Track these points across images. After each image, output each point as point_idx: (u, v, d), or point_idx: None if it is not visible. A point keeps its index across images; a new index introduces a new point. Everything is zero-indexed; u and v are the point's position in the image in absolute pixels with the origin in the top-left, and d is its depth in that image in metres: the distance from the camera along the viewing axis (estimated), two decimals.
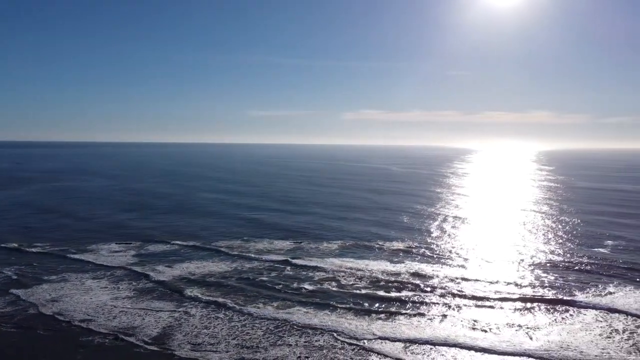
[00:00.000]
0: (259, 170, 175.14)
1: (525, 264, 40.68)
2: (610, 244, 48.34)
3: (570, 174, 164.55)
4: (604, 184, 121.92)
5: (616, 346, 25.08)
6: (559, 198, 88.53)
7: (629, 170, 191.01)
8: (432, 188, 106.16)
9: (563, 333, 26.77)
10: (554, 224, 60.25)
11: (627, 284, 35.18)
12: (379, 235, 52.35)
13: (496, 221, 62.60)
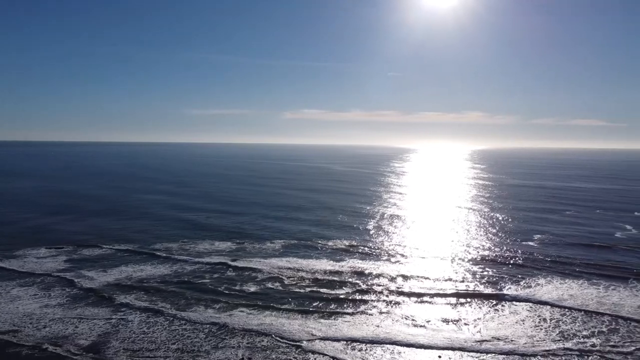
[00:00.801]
0: (197, 170, 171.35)
1: (460, 260, 42.33)
2: (538, 238, 51.30)
3: (501, 172, 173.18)
4: (531, 181, 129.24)
5: (544, 335, 26.65)
6: (490, 195, 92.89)
7: (554, 168, 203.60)
8: (372, 187, 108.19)
9: (496, 325, 28.10)
10: (487, 220, 63.13)
11: (554, 276, 37.46)
12: (321, 234, 52.70)
13: (433, 218, 64.72)
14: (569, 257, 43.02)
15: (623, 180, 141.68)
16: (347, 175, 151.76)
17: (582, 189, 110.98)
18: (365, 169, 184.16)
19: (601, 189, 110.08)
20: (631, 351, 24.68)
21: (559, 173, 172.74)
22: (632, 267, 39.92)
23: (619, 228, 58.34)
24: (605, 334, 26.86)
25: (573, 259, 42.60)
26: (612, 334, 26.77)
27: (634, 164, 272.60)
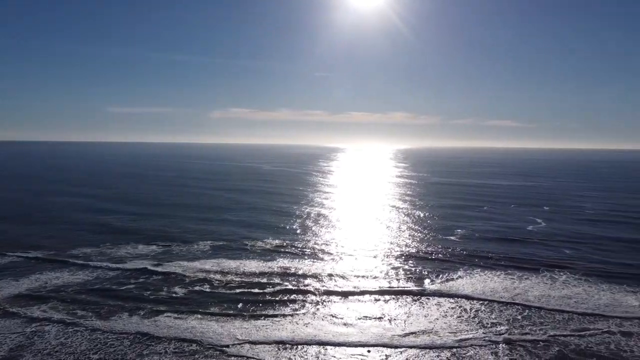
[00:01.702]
0: (118, 171, 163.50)
1: (386, 257, 43.53)
2: (458, 233, 53.89)
3: (424, 170, 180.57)
4: (451, 179, 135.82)
5: (466, 326, 28.03)
6: (413, 193, 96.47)
7: (471, 167, 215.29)
8: (301, 186, 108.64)
9: (422, 319, 29.18)
10: (410, 217, 65.44)
11: (474, 269, 39.49)
12: (250, 235, 52.12)
13: (359, 217, 66.11)
14: (487, 251, 45.56)
15: (533, 177, 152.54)
16: (276, 174, 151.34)
17: (497, 185, 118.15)
18: (294, 169, 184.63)
19: (514, 186, 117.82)
20: (544, 339, 26.56)
21: (476, 171, 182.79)
22: (543, 259, 42.97)
23: (531, 222, 62.66)
24: (520, 321, 28.72)
25: (490, 252, 45.15)
26: (525, 322, 28.68)
27: (542, 162, 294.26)
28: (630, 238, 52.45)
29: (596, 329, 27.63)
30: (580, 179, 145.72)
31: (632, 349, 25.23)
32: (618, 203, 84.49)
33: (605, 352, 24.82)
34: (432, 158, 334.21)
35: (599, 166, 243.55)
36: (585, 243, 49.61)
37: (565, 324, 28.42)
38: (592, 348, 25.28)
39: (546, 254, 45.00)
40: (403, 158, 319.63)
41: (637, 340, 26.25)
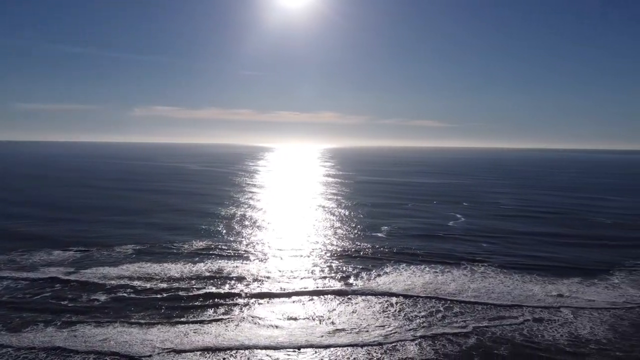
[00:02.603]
0: (26, 173, 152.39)
1: (314, 256, 43.86)
2: (385, 230, 55.46)
3: (352, 169, 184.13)
4: (378, 178, 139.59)
5: (393, 321, 28.90)
6: (341, 192, 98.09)
7: (398, 165, 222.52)
8: (228, 187, 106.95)
9: (351, 317, 29.70)
10: (339, 216, 66.47)
11: (400, 265, 40.75)
12: (175, 238, 50.51)
13: (287, 217, 66.19)
14: (411, 247, 47.24)
15: (455, 175, 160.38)
16: (201, 175, 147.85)
17: (421, 183, 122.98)
18: (220, 168, 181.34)
19: (437, 183, 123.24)
20: (464, 329, 27.98)
21: (401, 170, 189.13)
22: (463, 253, 45.25)
23: (452, 218, 65.79)
24: (442, 313, 30.06)
25: (414, 248, 46.87)
26: (447, 314, 30.06)
27: (463, 160, 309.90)
28: (539, 232, 56.54)
29: (511, 317, 29.54)
30: (498, 177, 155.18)
31: (542, 333, 27.24)
32: (529, 199, 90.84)
33: (519, 338, 26.59)
34: (360, 157, 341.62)
35: (515, 164, 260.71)
36: (500, 237, 52.86)
37: (483, 314, 30.10)
38: (507, 335, 26.98)
39: (465, 248, 47.40)
40: (331, 157, 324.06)
41: (546, 325, 28.37)
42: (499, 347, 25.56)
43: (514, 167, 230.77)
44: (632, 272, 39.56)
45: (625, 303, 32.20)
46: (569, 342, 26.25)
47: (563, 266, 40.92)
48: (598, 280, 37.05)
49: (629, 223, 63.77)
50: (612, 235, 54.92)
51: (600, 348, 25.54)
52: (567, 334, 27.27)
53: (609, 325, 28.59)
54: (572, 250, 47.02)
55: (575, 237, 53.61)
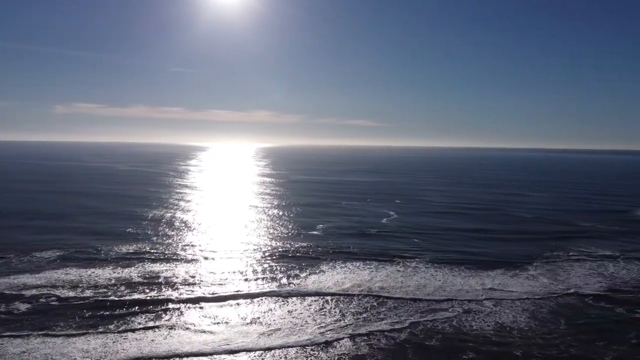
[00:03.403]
0: None
1: (248, 258, 43.36)
2: (320, 229, 55.87)
3: (287, 168, 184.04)
4: (314, 177, 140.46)
5: (330, 320, 29.19)
6: (277, 191, 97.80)
7: (333, 164, 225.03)
8: (156, 188, 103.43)
9: (287, 319, 29.66)
10: (274, 216, 66.20)
11: (336, 264, 41.23)
12: (102, 242, 48.09)
13: (219, 218, 65.08)
14: (346, 246, 47.94)
15: (389, 173, 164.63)
16: (130, 175, 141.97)
17: (356, 182, 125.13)
18: (149, 169, 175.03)
19: (371, 182, 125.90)
20: (399, 324, 28.78)
21: (337, 168, 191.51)
22: (396, 250, 46.52)
23: (385, 215, 67.47)
24: (377, 308, 30.76)
25: (350, 246, 47.60)
26: (382, 309, 30.79)
27: (397, 159, 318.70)
28: (466, 227, 59.30)
29: (442, 310, 30.74)
30: (429, 174, 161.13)
31: (470, 324, 28.59)
32: (458, 196, 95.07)
33: (450, 330, 27.75)
34: (295, 156, 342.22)
35: (446, 162, 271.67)
36: (430, 233, 54.89)
37: (416, 308, 31.10)
38: (439, 327, 28.07)
39: (398, 245, 48.76)
40: (266, 157, 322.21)
41: (474, 316, 29.80)
42: (431, 339, 26.53)
43: (444, 165, 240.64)
44: (549, 263, 42.43)
45: (543, 293, 34.47)
46: (495, 330, 27.74)
47: (488, 260, 43.10)
48: (519, 272, 39.40)
49: (547, 217, 68.35)
50: (532, 229, 58.60)
51: (522, 334, 27.21)
52: (492, 323, 28.79)
53: (530, 313, 30.50)
54: (496, 245, 49.68)
55: (499, 232, 56.70)
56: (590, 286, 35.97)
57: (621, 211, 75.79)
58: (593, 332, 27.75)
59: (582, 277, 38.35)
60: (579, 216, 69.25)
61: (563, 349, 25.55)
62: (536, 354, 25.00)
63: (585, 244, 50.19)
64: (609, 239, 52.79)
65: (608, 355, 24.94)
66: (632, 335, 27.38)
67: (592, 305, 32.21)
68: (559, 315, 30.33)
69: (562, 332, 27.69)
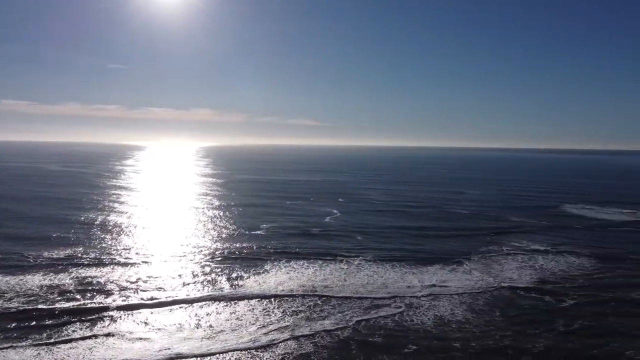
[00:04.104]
0: None
1: (190, 261, 42.20)
2: (264, 229, 55.42)
3: (230, 168, 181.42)
4: (256, 176, 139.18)
5: (274, 322, 29.02)
6: (218, 192, 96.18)
7: (276, 163, 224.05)
8: (91, 189, 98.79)
9: (231, 322, 29.18)
10: (216, 217, 65.05)
11: (279, 265, 41.04)
12: (32, 247, 45.21)
13: (159, 219, 63.17)
14: (291, 245, 47.85)
15: (330, 172, 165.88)
16: (60, 176, 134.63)
17: (299, 181, 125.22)
18: (83, 169, 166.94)
19: (314, 181, 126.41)
20: (343, 323, 29.05)
21: (279, 168, 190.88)
22: (339, 249, 46.95)
23: (328, 214, 67.98)
24: (320, 307, 30.91)
25: (294, 246, 47.55)
26: (326, 307, 30.99)
27: (339, 158, 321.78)
28: (406, 225, 60.88)
29: (385, 306, 31.36)
30: (371, 173, 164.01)
31: (411, 318, 29.38)
32: (398, 194, 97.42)
33: (392, 325, 28.38)
34: (238, 155, 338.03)
35: (388, 161, 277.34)
36: (372, 231, 55.88)
37: (360, 306, 31.53)
38: (382, 324, 28.62)
39: (342, 243, 49.27)
40: (208, 156, 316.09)
41: (415, 311, 30.62)
42: (374, 335, 26.99)
43: (386, 164, 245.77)
44: (484, 258, 44.33)
45: (479, 286, 35.97)
46: (435, 324, 28.65)
47: (428, 256, 44.38)
48: (457, 267, 40.90)
49: (483, 213, 71.38)
50: (469, 225, 60.99)
51: (460, 327, 28.27)
52: (432, 317, 29.72)
53: (467, 305, 31.73)
54: (436, 241, 51.29)
55: (439, 229, 58.57)
56: (522, 278, 37.91)
57: (550, 207, 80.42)
58: (525, 322, 29.27)
59: (514, 270, 40.33)
60: (512, 212, 72.83)
61: (498, 339, 26.77)
62: (473, 344, 26.04)
63: (517, 238, 52.83)
64: (539, 234, 55.86)
65: (539, 342, 26.38)
66: (560, 324, 29.13)
67: (523, 296, 33.96)
68: (494, 307, 31.74)
69: (497, 323, 29.01)
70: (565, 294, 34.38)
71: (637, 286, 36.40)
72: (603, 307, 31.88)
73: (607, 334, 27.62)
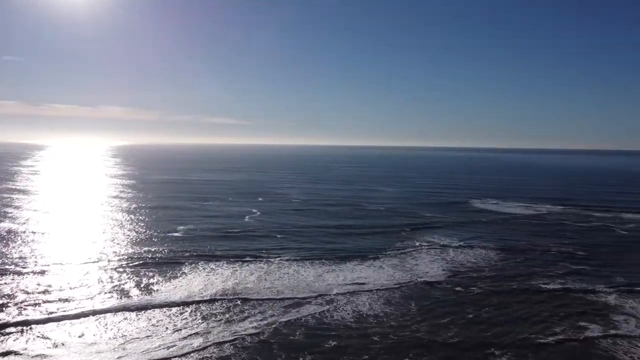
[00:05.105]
0: None
1: (101, 268, 39.43)
2: (182, 231, 53.59)
3: (144, 168, 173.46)
4: (173, 176, 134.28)
5: (193, 327, 28.12)
6: (133, 193, 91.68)
7: (193, 163, 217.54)
8: None
9: (145, 331, 27.80)
10: (129, 220, 61.94)
11: (198, 269, 39.88)
12: None
13: (64, 224, 58.99)
14: (210, 247, 46.70)
15: (250, 171, 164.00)
16: None
17: (218, 181, 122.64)
18: None
19: (233, 180, 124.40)
20: (265, 325, 28.79)
21: (197, 167, 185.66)
22: (260, 249, 46.57)
23: (248, 213, 67.22)
24: (242, 310, 30.45)
25: (213, 248, 46.46)
26: (248, 309, 30.58)
27: (258, 157, 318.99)
28: (325, 224, 61.80)
29: (307, 304, 31.54)
30: (290, 172, 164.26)
31: (332, 314, 29.82)
32: (317, 192, 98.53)
33: (313, 322, 28.62)
34: (152, 155, 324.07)
35: (306, 160, 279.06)
36: (292, 230, 56.07)
37: (281, 305, 31.45)
38: (303, 322, 28.74)
39: (262, 243, 48.91)
40: (118, 155, 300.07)
41: (335, 307, 31.11)
42: (295, 334, 27.03)
43: (306, 162, 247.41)
44: (400, 253, 46.06)
45: (395, 280, 37.30)
46: (354, 319, 29.28)
47: (347, 254, 45.26)
48: (375, 263, 42.10)
49: (398, 210, 74.12)
50: (385, 222, 63.03)
51: (378, 320, 29.13)
52: (352, 312, 30.34)
53: (384, 299, 32.76)
54: (354, 239, 52.44)
55: (356, 226, 59.97)
56: (435, 271, 39.82)
57: (460, 202, 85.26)
58: (438, 312, 30.77)
59: (428, 263, 42.26)
60: (425, 208, 76.31)
61: (414, 329, 27.91)
62: (391, 336, 26.94)
63: (430, 233, 55.44)
64: (449, 229, 59.00)
65: (451, 330, 27.84)
66: (470, 311, 30.98)
67: (437, 288, 35.67)
68: (410, 299, 33.04)
69: (412, 315, 30.22)
70: (474, 284, 36.57)
71: (537, 275, 39.58)
72: (507, 296, 34.29)
73: (512, 321, 29.74)
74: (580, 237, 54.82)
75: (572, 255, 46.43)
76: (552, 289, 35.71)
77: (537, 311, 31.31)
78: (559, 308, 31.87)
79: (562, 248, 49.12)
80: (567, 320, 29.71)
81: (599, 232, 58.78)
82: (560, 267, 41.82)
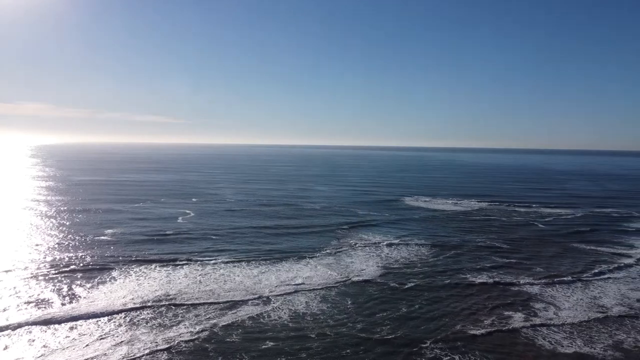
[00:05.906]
0: None
1: (18, 278, 36.80)
2: (111, 235, 51.12)
3: (69, 168, 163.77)
4: (101, 177, 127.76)
5: (124, 338, 26.92)
6: (56, 195, 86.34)
7: (123, 163, 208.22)
8: None
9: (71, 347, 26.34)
10: (54, 224, 58.30)
11: (128, 275, 38.24)
12: None
13: None
14: (140, 251, 44.96)
15: (182, 171, 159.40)
16: None
17: (149, 181, 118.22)
18: None
19: (165, 180, 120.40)
20: (201, 331, 28.06)
21: (128, 167, 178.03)
22: (194, 252, 45.45)
23: (181, 214, 65.34)
24: (177, 317, 29.54)
25: (144, 251, 44.77)
26: (182, 314, 29.69)
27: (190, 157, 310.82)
28: (261, 224, 61.41)
29: (244, 305, 31.14)
30: (224, 171, 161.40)
31: (269, 314, 29.68)
32: (252, 192, 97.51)
33: (250, 323, 28.35)
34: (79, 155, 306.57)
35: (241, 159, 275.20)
36: (227, 231, 55.19)
37: (217, 308, 30.84)
38: (239, 323, 28.38)
39: (196, 246, 47.74)
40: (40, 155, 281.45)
41: (272, 306, 31.00)
42: (232, 335, 26.62)
43: (241, 162, 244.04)
44: (336, 251, 46.56)
45: (331, 278, 37.67)
46: (291, 318, 29.28)
47: (283, 255, 45.17)
48: (311, 261, 42.32)
49: (331, 208, 74.91)
50: (319, 222, 63.47)
51: (315, 318, 29.31)
52: (288, 311, 30.30)
53: (321, 297, 33.00)
54: (290, 238, 52.42)
55: (292, 226, 59.96)
56: (370, 268, 40.61)
57: (393, 200, 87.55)
58: (374, 307, 31.44)
59: (363, 261, 43.02)
60: (359, 206, 77.67)
61: (351, 325, 28.31)
62: (328, 332, 27.18)
63: (365, 231, 56.48)
64: (383, 226, 60.42)
65: (386, 326, 28.49)
66: (403, 304, 31.97)
67: (372, 283, 36.41)
68: (346, 296, 33.48)
69: (349, 311, 30.65)
70: (408, 280, 37.67)
71: (466, 269, 41.42)
72: (439, 291, 35.61)
73: (444, 314, 30.91)
74: (505, 232, 58.03)
75: (498, 249, 49.04)
76: (480, 283, 37.50)
77: (468, 304, 32.74)
78: (488, 300, 33.54)
79: (489, 242, 51.77)
80: (495, 312, 31.34)
81: (522, 226, 62.50)
82: (488, 261, 44.03)
